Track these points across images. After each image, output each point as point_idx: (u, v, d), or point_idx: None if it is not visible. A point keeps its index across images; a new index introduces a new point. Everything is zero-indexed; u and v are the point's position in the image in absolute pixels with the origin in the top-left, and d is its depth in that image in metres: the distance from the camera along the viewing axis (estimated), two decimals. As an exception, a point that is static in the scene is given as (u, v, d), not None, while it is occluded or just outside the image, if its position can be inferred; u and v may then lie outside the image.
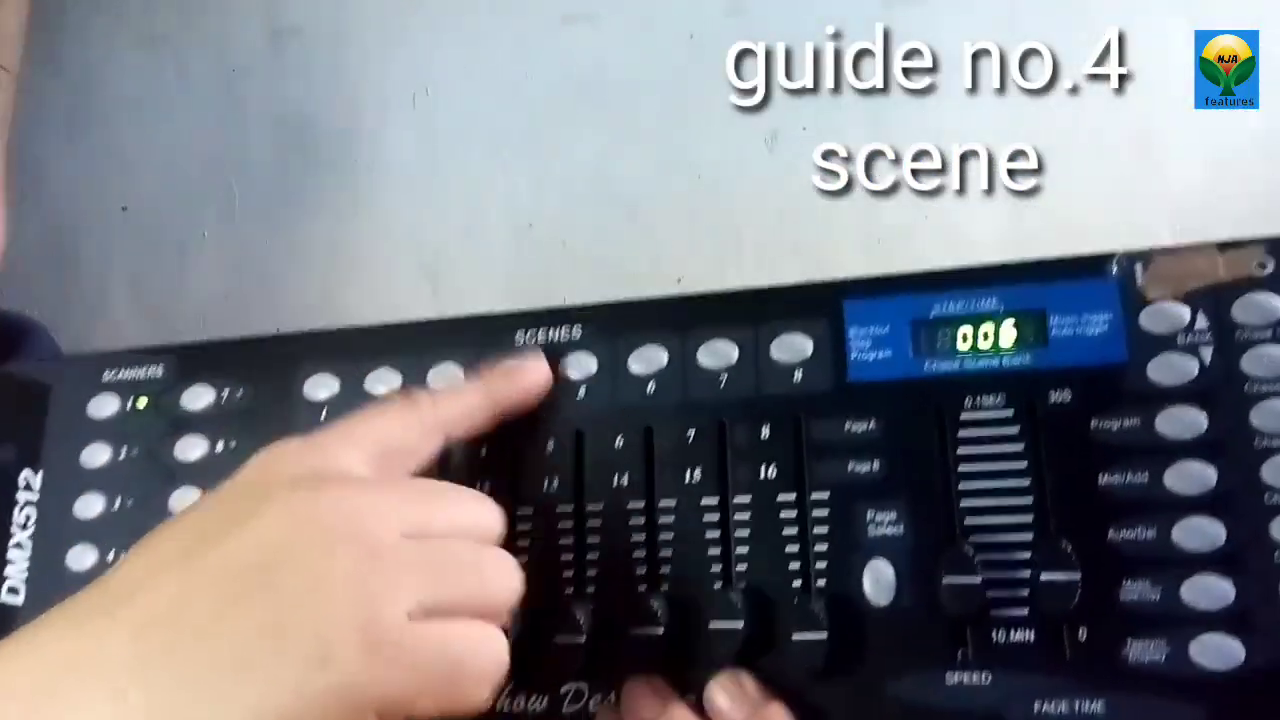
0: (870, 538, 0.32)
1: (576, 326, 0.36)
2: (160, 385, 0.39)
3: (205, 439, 0.38)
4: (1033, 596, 0.30)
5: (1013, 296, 0.33)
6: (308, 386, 0.38)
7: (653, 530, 0.33)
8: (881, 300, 0.35)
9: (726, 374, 0.34)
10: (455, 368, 0.37)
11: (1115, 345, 0.31)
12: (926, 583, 0.30)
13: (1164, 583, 0.29)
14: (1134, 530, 0.30)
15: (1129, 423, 0.31)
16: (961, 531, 0.31)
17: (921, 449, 0.32)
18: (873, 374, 0.33)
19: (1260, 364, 0.30)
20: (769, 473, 0.33)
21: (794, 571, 0.32)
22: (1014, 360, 0.32)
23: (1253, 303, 0.30)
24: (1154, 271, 0.32)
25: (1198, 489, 0.30)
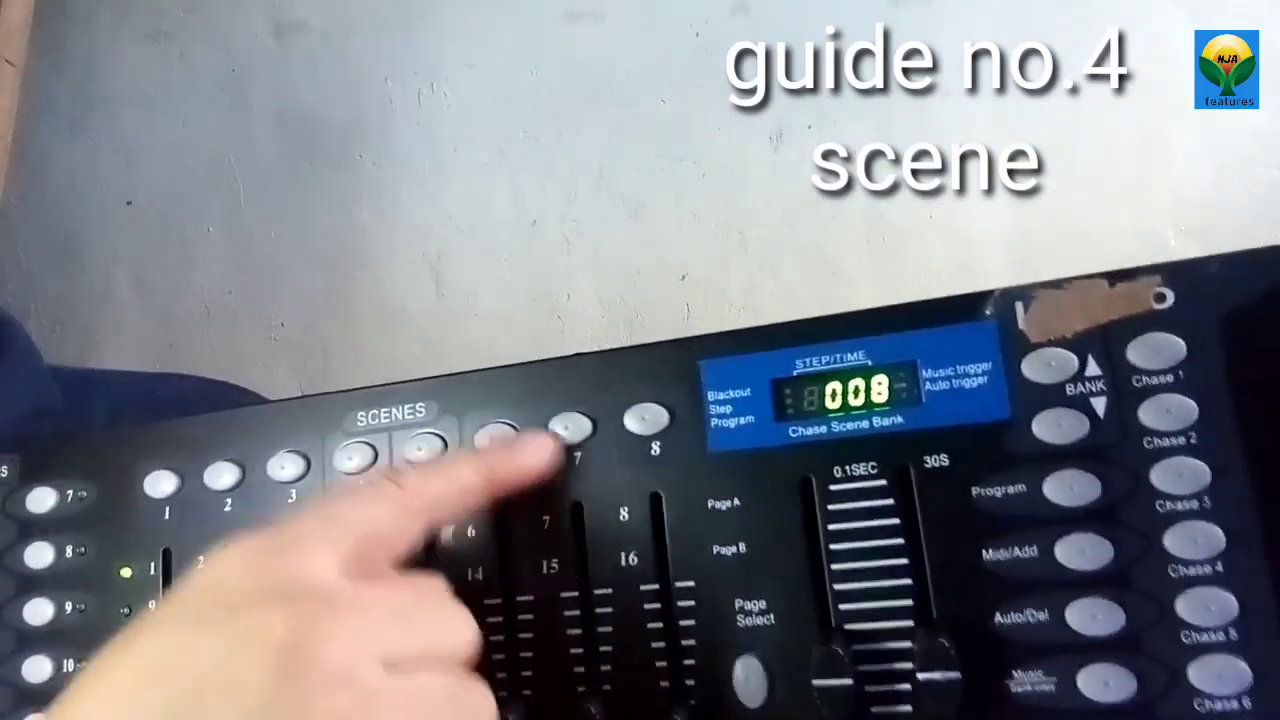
0: (739, 629, 0.28)
1: (420, 404, 0.32)
2: (6, 487, 0.36)
3: (51, 545, 0.35)
4: (914, 695, 0.26)
5: (881, 348, 0.29)
6: (147, 483, 0.34)
7: (511, 630, 0.29)
8: (741, 359, 0.30)
9: (580, 451, 0.30)
10: (294, 457, 0.33)
11: (996, 399, 0.27)
12: (801, 679, 0.27)
13: (1058, 672, 0.26)
14: (1023, 613, 0.26)
15: (1014, 489, 0.27)
16: (836, 619, 0.27)
17: (789, 526, 0.28)
18: (734, 443, 0.29)
19: (1160, 415, 0.26)
20: (630, 560, 0.29)
21: (660, 670, 0.28)
22: (885, 420, 0.28)
23: (1150, 343, 0.26)
24: (1036, 311, 0.27)
25: (1093, 564, 0.26)
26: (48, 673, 0.34)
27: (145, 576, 0.34)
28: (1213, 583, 0.25)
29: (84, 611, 0.34)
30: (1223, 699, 0.25)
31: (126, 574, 0.34)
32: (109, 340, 1.03)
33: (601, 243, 0.96)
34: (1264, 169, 0.87)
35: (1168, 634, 0.25)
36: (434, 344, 0.96)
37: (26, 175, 1.10)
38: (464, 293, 0.97)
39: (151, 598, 0.34)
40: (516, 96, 1.02)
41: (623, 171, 0.98)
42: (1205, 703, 0.25)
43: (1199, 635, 0.25)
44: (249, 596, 0.24)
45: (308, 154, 1.05)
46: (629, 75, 1.01)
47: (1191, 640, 0.25)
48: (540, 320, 0.95)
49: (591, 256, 0.96)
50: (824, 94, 0.99)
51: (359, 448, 0.33)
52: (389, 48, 1.07)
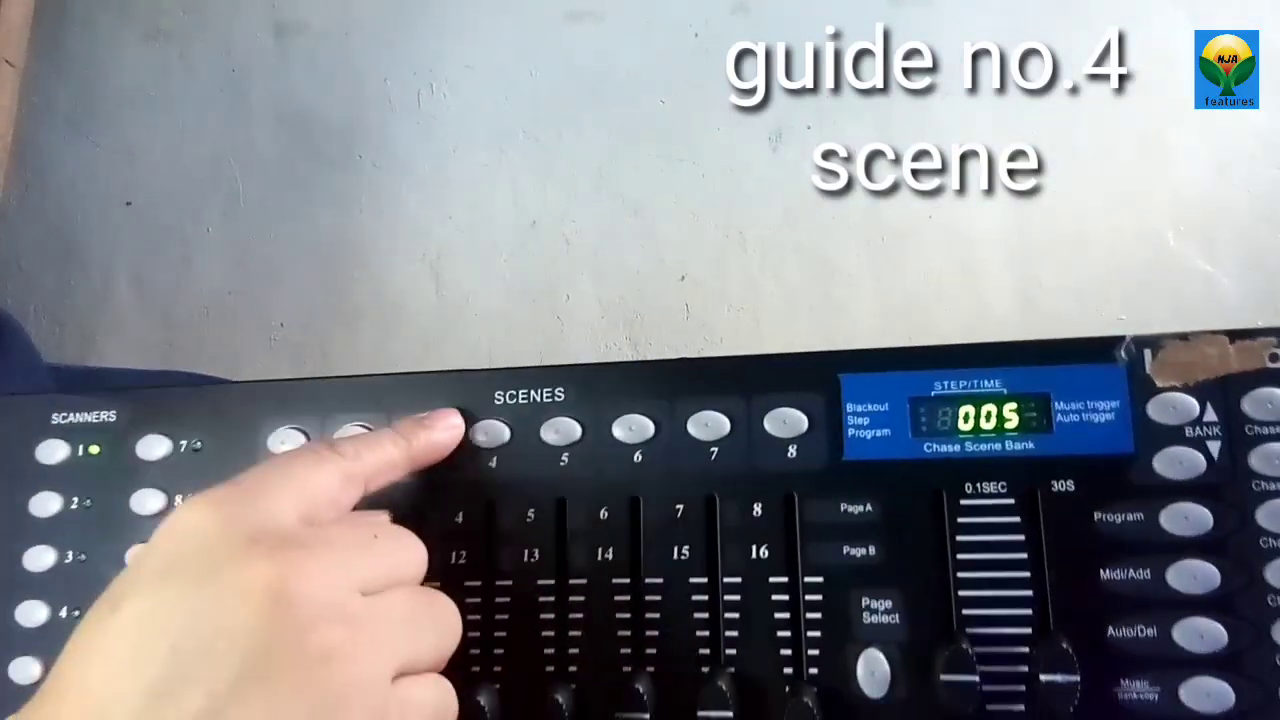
0: (865, 626, 0.30)
1: (559, 388, 0.34)
2: (113, 432, 0.36)
3: (162, 492, 0.36)
4: (1031, 696, 0.29)
5: (1016, 378, 0.31)
6: (271, 439, 0.35)
7: (638, 609, 0.31)
8: (880, 375, 0.32)
9: (717, 447, 0.32)
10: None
11: (1122, 435, 0.30)
12: (922, 677, 0.29)
13: (1163, 683, 0.28)
14: (1135, 629, 0.29)
15: (1133, 516, 0.30)
16: (959, 623, 0.30)
17: (919, 534, 0.31)
18: (870, 452, 0.32)
19: (1269, 462, 0.29)
20: (760, 553, 0.31)
21: (785, 658, 0.30)
22: (1017, 445, 0.31)
23: (1264, 397, 0.30)
24: (1163, 359, 0.30)
25: (1201, 588, 0.29)
26: None
27: None
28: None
29: None
30: None
31: None
32: (109, 340, 1.03)
33: (601, 243, 0.97)
34: (1264, 169, 0.87)
35: (1264, 656, 0.28)
36: (434, 344, 0.96)
37: (26, 175, 1.10)
38: (463, 293, 0.97)
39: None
40: (516, 96, 1.02)
41: (623, 171, 0.98)
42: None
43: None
44: (227, 547, 0.25)
45: (308, 154, 1.05)
46: (629, 75, 1.01)
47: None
48: (540, 320, 0.95)
49: (591, 257, 0.96)
50: (824, 94, 0.99)
51: (494, 425, 0.34)
52: (389, 48, 1.07)
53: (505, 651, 0.31)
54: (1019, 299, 0.88)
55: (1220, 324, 0.32)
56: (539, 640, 0.32)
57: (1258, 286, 0.83)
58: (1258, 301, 0.83)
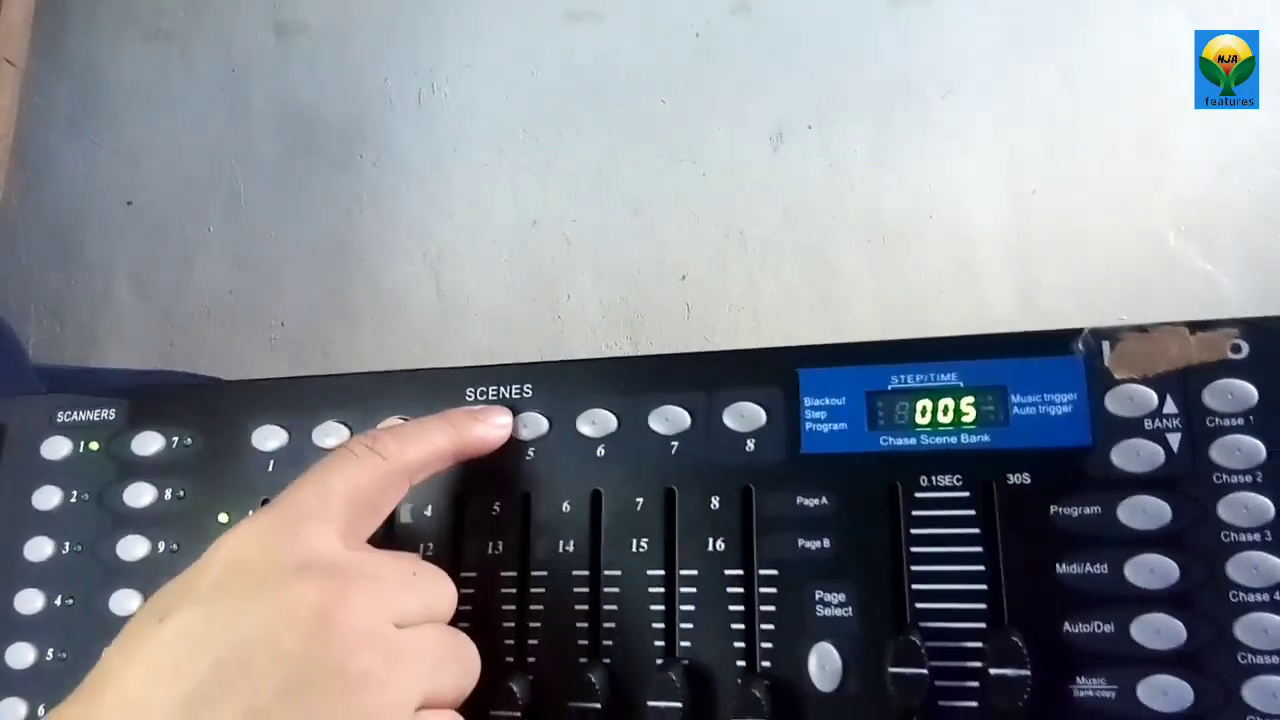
0: (818, 619, 0.30)
1: (527, 385, 0.35)
2: (112, 429, 0.38)
3: (153, 486, 0.37)
4: (983, 690, 0.28)
5: (973, 371, 0.31)
6: (256, 436, 0.37)
7: (595, 600, 0.32)
8: (838, 370, 0.32)
9: (677, 440, 0.33)
10: (399, 421, 0.36)
11: (1079, 427, 0.30)
12: (874, 670, 0.29)
13: (1120, 680, 0.28)
14: (1091, 624, 0.28)
15: (1090, 510, 0.29)
16: (912, 617, 0.30)
17: (873, 527, 0.31)
18: (827, 446, 0.32)
19: (1230, 454, 0.28)
20: (717, 545, 0.32)
21: (738, 650, 0.31)
22: (973, 438, 0.31)
23: (1225, 388, 0.29)
24: (1121, 351, 0.30)
25: (1159, 583, 0.28)
26: (135, 605, 0.36)
27: None
28: (1269, 609, 0.27)
29: (175, 552, 0.37)
30: (1274, 718, 0.27)
31: (224, 519, 0.37)
32: (109, 340, 1.03)
33: (601, 243, 0.97)
34: (1264, 169, 0.87)
35: (1225, 653, 0.27)
36: (434, 344, 0.96)
37: (27, 175, 1.10)
38: (464, 292, 0.97)
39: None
40: (516, 96, 1.02)
41: (623, 171, 0.98)
42: (1255, 719, 0.27)
43: (1254, 656, 0.27)
44: (274, 571, 0.26)
45: (308, 154, 1.05)
46: (629, 75, 1.01)
47: (1247, 661, 0.27)
48: (540, 320, 0.95)
49: (591, 256, 0.96)
50: (824, 94, 0.99)
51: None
52: (389, 48, 1.07)
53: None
54: (1019, 299, 0.88)
55: (1220, 324, 0.31)
56: (498, 631, 0.32)
57: (1258, 286, 0.83)
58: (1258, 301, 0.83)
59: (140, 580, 0.36)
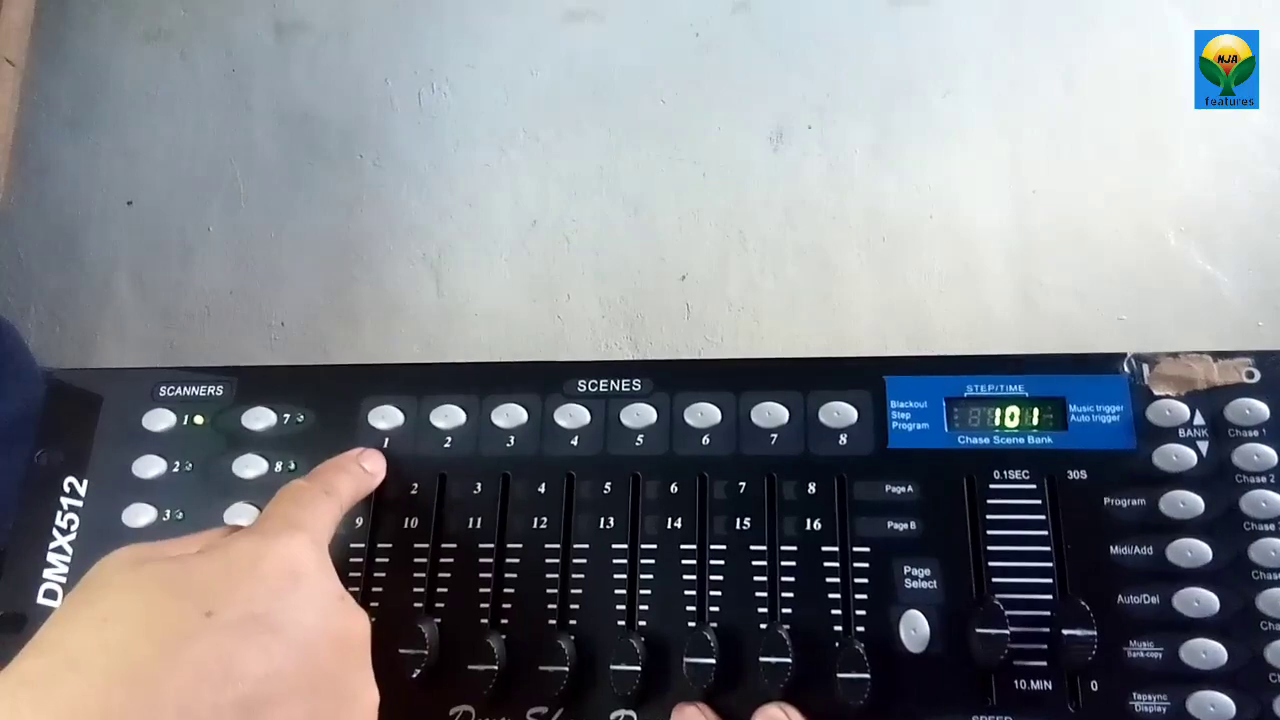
0: (906, 590, 0.35)
1: (638, 380, 0.39)
2: (220, 404, 0.40)
3: (264, 459, 0.39)
4: (1053, 650, 0.33)
5: (1037, 384, 0.37)
6: (371, 415, 0.40)
7: (703, 571, 0.36)
8: (920, 378, 0.38)
9: (776, 434, 0.37)
10: (517, 408, 0.39)
11: (1126, 434, 0.36)
12: (957, 634, 0.34)
13: (1165, 644, 0.33)
14: (1139, 596, 0.34)
15: (1136, 502, 0.35)
16: (989, 589, 0.35)
17: (954, 513, 0.36)
18: (911, 442, 0.37)
19: (1248, 459, 0.35)
20: (814, 526, 0.36)
21: (835, 617, 0.35)
22: (1037, 440, 0.36)
23: (1243, 406, 0.36)
24: (1158, 372, 0.36)
25: (1195, 563, 0.34)
26: None
27: None
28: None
29: None
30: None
31: None
32: (109, 340, 1.03)
33: (601, 243, 0.97)
34: (1264, 169, 0.87)
35: (1250, 622, 0.33)
36: (434, 344, 0.96)
37: (26, 175, 1.10)
38: (464, 292, 0.97)
39: (358, 514, 0.38)
40: (516, 96, 1.02)
41: (623, 171, 0.98)
42: (1276, 676, 0.33)
43: (1274, 624, 0.33)
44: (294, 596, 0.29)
45: (308, 154, 1.05)
46: (629, 75, 1.01)
47: (1268, 628, 0.33)
48: (540, 320, 0.95)
49: (591, 256, 0.96)
50: (824, 94, 0.99)
51: (576, 409, 0.39)
52: (389, 48, 1.07)
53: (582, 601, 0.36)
54: (1019, 299, 0.88)
55: (1220, 324, 0.35)
56: (545, 596, 0.36)
57: (1258, 286, 0.83)
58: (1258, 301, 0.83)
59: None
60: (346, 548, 0.37)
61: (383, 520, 0.38)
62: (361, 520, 0.38)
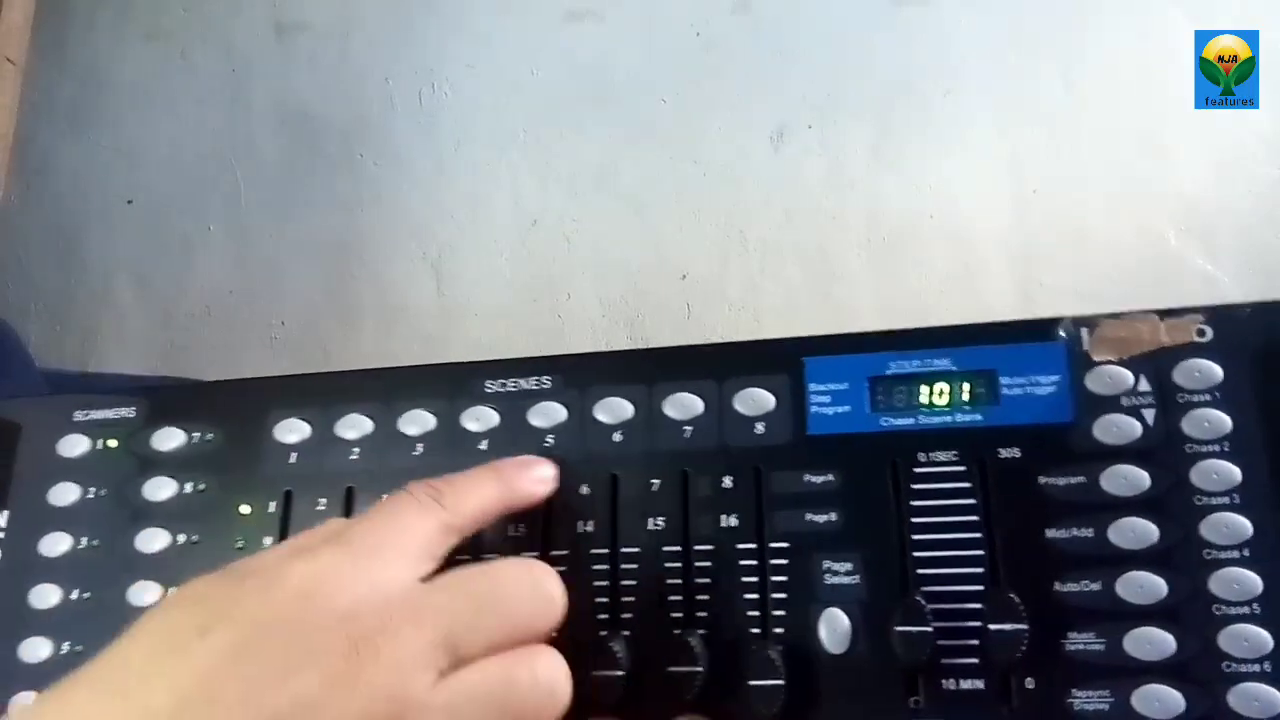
0: (826, 586, 0.32)
1: (545, 376, 0.37)
2: (131, 426, 0.39)
3: (174, 480, 0.38)
4: (982, 646, 0.30)
5: (965, 357, 0.34)
6: (278, 430, 0.38)
7: (615, 576, 0.34)
8: (841, 358, 0.35)
9: (691, 426, 0.35)
10: (425, 414, 0.37)
11: (1062, 405, 0.32)
12: (880, 632, 0.31)
13: (1108, 635, 0.30)
14: (1079, 583, 0.31)
15: (1075, 479, 0.32)
16: (914, 582, 0.32)
17: (876, 501, 0.33)
18: (831, 427, 0.34)
19: (1199, 426, 0.31)
20: (730, 522, 0.33)
21: (752, 619, 0.32)
22: (966, 417, 0.33)
23: (1193, 368, 0.32)
24: (1099, 336, 0.33)
25: (1140, 544, 0.31)
26: (155, 599, 0.37)
27: (264, 514, 0.37)
28: (1240, 564, 0.30)
29: (196, 543, 0.37)
30: (1246, 662, 0.29)
31: (245, 511, 0.37)
32: (109, 340, 1.03)
33: (601, 242, 0.97)
34: (1264, 169, 0.87)
35: (1201, 606, 0.30)
36: (434, 343, 0.96)
37: (27, 174, 1.10)
38: (464, 292, 0.97)
39: (267, 534, 0.36)
40: (516, 96, 1.03)
41: (623, 171, 0.98)
42: (1231, 665, 0.29)
43: (1228, 608, 0.30)
44: (322, 616, 0.26)
45: (308, 154, 1.05)
46: (629, 75, 1.01)
47: (1221, 612, 0.30)
48: (540, 319, 0.95)
49: (591, 256, 0.96)
50: (824, 94, 0.99)
51: (485, 410, 0.37)
52: (389, 48, 1.07)
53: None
54: (1019, 299, 0.88)
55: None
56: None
57: (1258, 286, 0.83)
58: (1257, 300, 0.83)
59: (159, 572, 0.37)
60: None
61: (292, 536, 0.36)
62: (269, 540, 0.36)
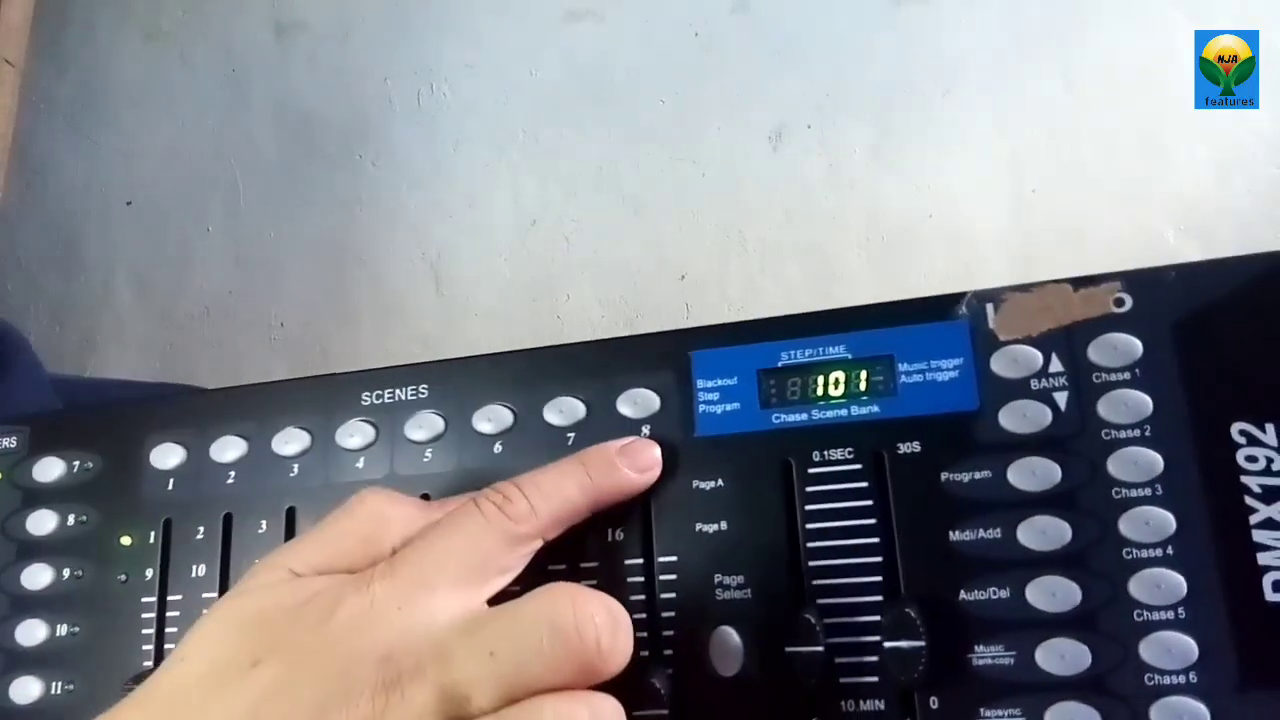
0: (717, 601, 0.30)
1: (422, 385, 0.34)
2: (14, 457, 0.37)
3: (55, 513, 0.36)
4: (880, 663, 0.28)
5: (860, 342, 0.31)
6: (154, 455, 0.36)
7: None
8: (729, 350, 0.32)
9: (574, 432, 0.32)
10: (300, 432, 0.35)
11: (965, 392, 0.30)
12: (773, 651, 0.29)
13: (1018, 646, 0.28)
14: (986, 590, 0.28)
15: (980, 474, 0.29)
16: (810, 594, 0.29)
17: (768, 506, 0.30)
18: (720, 427, 0.31)
19: (1118, 409, 0.28)
20: (616, 536, 0.31)
21: (640, 640, 0.29)
22: (862, 410, 0.30)
23: (1110, 343, 0.29)
24: (1005, 311, 0.30)
25: (1052, 544, 0.28)
26: (42, 636, 0.35)
27: (145, 545, 0.35)
28: (1163, 564, 0.27)
29: (80, 578, 0.36)
30: (1170, 673, 0.27)
31: (126, 542, 0.36)
32: (109, 340, 1.03)
33: (601, 242, 0.97)
34: (1264, 169, 0.87)
35: (1121, 612, 0.27)
36: (433, 343, 0.96)
37: (27, 175, 1.10)
38: (464, 292, 0.97)
39: (149, 566, 0.34)
40: (516, 96, 1.02)
41: (623, 171, 0.98)
42: (1154, 677, 0.27)
43: (1149, 613, 0.27)
44: (363, 656, 0.26)
45: (308, 154, 1.05)
46: (629, 75, 1.01)
47: (1142, 618, 0.27)
48: (540, 320, 0.95)
49: (591, 256, 0.96)
50: (824, 94, 0.99)
51: (361, 425, 0.34)
52: (389, 48, 1.07)
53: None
54: (1019, 299, 0.88)
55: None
56: None
57: (1258, 286, 0.83)
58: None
59: (46, 610, 0.36)
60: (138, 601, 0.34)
61: (172, 569, 0.34)
62: (151, 572, 0.34)
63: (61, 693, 0.34)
